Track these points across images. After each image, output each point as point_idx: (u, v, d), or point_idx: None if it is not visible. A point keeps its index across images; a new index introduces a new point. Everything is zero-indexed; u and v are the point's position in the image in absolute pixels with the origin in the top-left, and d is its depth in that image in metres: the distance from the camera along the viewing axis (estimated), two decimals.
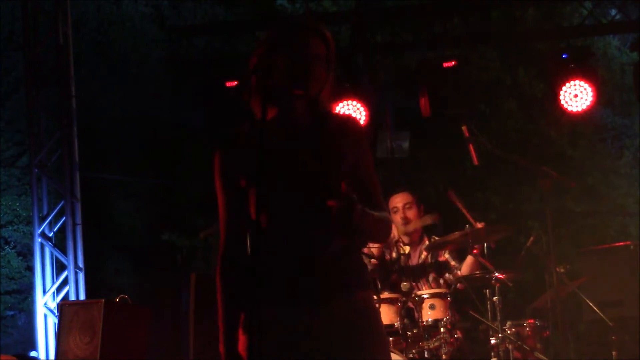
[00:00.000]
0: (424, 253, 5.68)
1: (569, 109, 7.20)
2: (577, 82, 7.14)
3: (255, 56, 2.63)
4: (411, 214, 5.73)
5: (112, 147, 13.13)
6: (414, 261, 5.68)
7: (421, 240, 5.75)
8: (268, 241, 2.55)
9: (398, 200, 5.75)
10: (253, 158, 2.44)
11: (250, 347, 2.31)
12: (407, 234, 5.69)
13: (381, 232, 2.70)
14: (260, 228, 2.43)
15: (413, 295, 5.15)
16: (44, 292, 7.36)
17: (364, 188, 2.63)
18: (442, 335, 5.07)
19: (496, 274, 5.22)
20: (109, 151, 13.09)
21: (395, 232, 5.69)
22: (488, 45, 11.17)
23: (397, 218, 5.69)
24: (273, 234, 2.56)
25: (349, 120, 2.73)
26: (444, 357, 5.04)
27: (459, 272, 5.55)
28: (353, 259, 2.65)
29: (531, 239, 5.90)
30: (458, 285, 5.41)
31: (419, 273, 5.63)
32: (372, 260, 5.54)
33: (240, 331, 2.59)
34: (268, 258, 2.55)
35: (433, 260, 5.67)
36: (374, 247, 5.66)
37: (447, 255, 5.67)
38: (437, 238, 5.69)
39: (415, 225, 5.62)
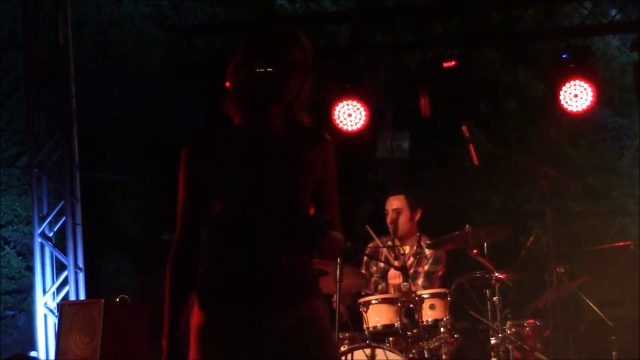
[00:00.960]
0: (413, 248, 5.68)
1: (569, 109, 7.19)
2: (577, 82, 7.14)
3: (232, 63, 2.67)
4: (401, 218, 5.72)
5: (112, 147, 13.12)
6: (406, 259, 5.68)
7: (416, 239, 5.74)
8: (229, 243, 2.60)
9: (389, 204, 5.77)
10: (220, 162, 2.54)
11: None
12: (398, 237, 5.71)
13: (335, 251, 2.77)
14: (225, 230, 2.45)
15: (413, 295, 5.15)
16: (44, 292, 7.35)
17: (326, 205, 2.68)
18: (442, 335, 5.07)
19: (496, 274, 5.22)
20: (109, 151, 13.08)
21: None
22: (488, 45, 11.17)
23: (388, 220, 5.72)
24: (234, 237, 2.60)
25: (320, 135, 2.74)
26: (444, 357, 5.05)
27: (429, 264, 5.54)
28: (308, 270, 2.71)
29: (531, 239, 5.90)
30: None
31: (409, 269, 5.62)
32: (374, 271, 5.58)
33: (191, 338, 2.63)
34: (227, 260, 2.60)
35: (417, 254, 5.66)
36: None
37: (425, 268, 5.67)
38: (428, 240, 5.69)
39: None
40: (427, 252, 5.66)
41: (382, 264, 5.74)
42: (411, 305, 5.14)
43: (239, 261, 2.57)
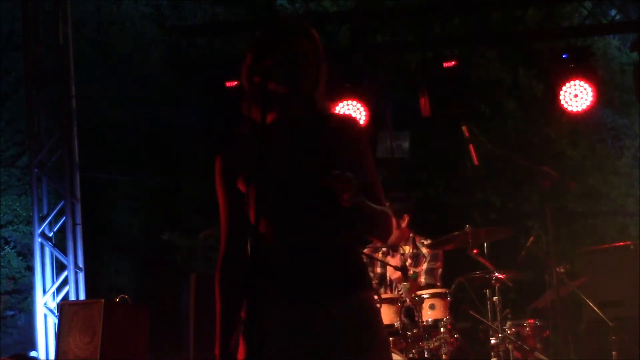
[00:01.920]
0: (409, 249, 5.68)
1: (569, 109, 7.19)
2: (577, 82, 7.14)
3: (243, 65, 2.66)
4: None
5: (112, 147, 13.12)
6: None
7: (410, 241, 5.74)
8: (267, 243, 2.56)
9: None
10: (252, 160, 2.47)
11: (250, 349, 2.31)
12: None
13: (384, 226, 2.68)
14: (259, 230, 2.43)
15: (413, 295, 5.15)
16: (44, 292, 7.36)
17: (365, 188, 2.60)
18: (442, 335, 5.07)
19: (496, 274, 5.22)
20: (109, 151, 13.09)
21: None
22: (488, 45, 11.18)
23: None
24: (272, 235, 2.57)
25: (348, 119, 2.73)
26: (444, 357, 5.05)
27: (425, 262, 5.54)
28: (352, 260, 2.65)
29: (531, 239, 5.90)
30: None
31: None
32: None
33: (240, 338, 2.60)
34: (268, 259, 2.55)
35: (414, 255, 5.66)
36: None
37: (424, 266, 5.67)
38: (424, 240, 5.69)
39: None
40: (424, 250, 5.67)
41: (379, 270, 5.75)
42: (411, 305, 5.14)
43: (278, 255, 2.55)
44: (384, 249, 5.77)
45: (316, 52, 2.67)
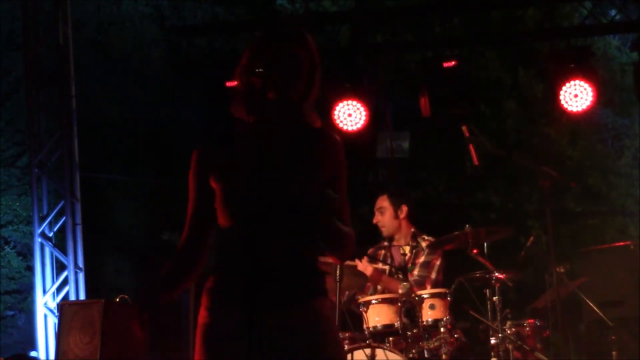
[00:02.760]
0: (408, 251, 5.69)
1: (569, 109, 7.19)
2: (577, 82, 7.13)
3: (238, 66, 2.68)
4: (384, 218, 5.81)
5: (112, 147, 13.13)
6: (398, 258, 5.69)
7: (413, 239, 5.74)
8: (231, 243, 2.61)
9: (375, 206, 5.85)
10: (226, 160, 2.56)
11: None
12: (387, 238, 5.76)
13: (345, 247, 2.73)
14: (226, 229, 2.47)
15: (413, 295, 5.16)
16: (44, 292, 7.36)
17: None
18: (442, 335, 5.06)
19: (496, 274, 5.22)
20: (109, 151, 13.10)
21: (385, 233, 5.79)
22: (488, 45, 11.18)
23: (374, 221, 5.83)
24: (238, 237, 2.60)
25: (330, 137, 2.73)
26: (444, 357, 5.04)
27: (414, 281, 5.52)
28: (313, 269, 2.68)
29: (531, 239, 5.90)
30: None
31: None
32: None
33: (197, 338, 2.66)
34: (230, 260, 2.62)
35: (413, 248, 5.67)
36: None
37: (421, 259, 5.67)
38: (425, 236, 5.70)
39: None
40: (424, 244, 5.68)
41: (380, 264, 5.75)
42: (411, 305, 5.14)
43: (242, 261, 2.56)
44: (385, 244, 5.77)
45: (310, 62, 2.68)
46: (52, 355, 6.94)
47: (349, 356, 4.88)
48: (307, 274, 2.66)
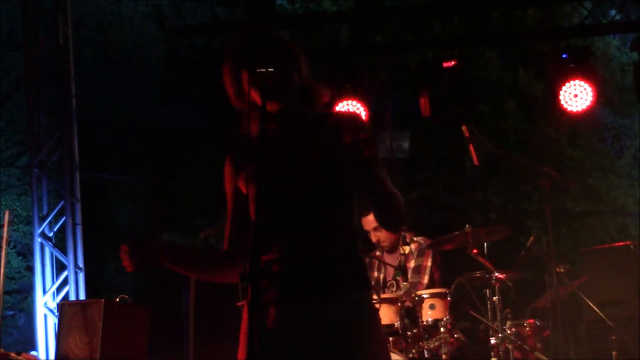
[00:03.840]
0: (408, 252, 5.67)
1: (569, 109, 7.19)
2: (577, 82, 7.14)
3: (228, 81, 2.68)
4: (382, 234, 5.64)
5: (112, 147, 13.13)
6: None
7: (402, 241, 5.72)
8: (270, 242, 2.57)
9: (366, 225, 5.65)
10: (253, 163, 2.50)
11: (250, 348, 2.31)
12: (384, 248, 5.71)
13: (399, 209, 2.64)
14: (262, 229, 2.44)
15: (413, 295, 5.15)
16: (44, 292, 7.36)
17: (373, 177, 2.60)
18: (442, 335, 5.06)
19: (496, 274, 5.22)
20: (109, 151, 13.09)
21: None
22: (488, 45, 11.18)
23: (374, 240, 5.69)
24: (274, 235, 2.58)
25: (349, 116, 2.73)
26: (444, 357, 5.04)
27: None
28: (352, 259, 2.65)
29: (531, 239, 5.89)
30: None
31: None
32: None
33: (240, 338, 2.61)
34: (268, 260, 2.58)
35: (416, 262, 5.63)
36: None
37: (412, 264, 5.64)
38: (415, 237, 5.68)
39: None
40: (413, 246, 5.64)
41: (375, 274, 5.74)
42: (411, 305, 5.14)
43: (279, 256, 2.57)
44: (378, 253, 5.76)
45: (292, 59, 2.64)
46: (52, 355, 6.94)
47: None
48: (346, 264, 2.61)
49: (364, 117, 2.75)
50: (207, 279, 2.76)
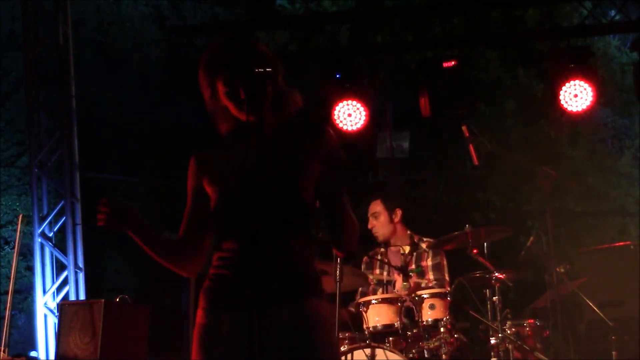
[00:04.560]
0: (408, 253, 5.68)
1: (569, 109, 7.19)
2: (577, 82, 7.13)
3: (204, 87, 2.76)
4: (378, 222, 5.81)
5: (112, 147, 13.12)
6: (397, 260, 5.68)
7: (408, 238, 5.74)
8: (226, 246, 2.63)
9: (369, 211, 5.84)
10: (218, 165, 2.61)
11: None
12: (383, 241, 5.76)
13: (353, 234, 2.70)
14: (219, 233, 2.50)
15: (413, 295, 5.16)
16: (44, 292, 7.36)
17: (331, 198, 2.66)
18: (442, 335, 5.06)
19: (496, 274, 5.22)
20: (109, 151, 13.09)
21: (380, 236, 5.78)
22: (488, 45, 11.18)
23: (368, 226, 5.81)
24: (231, 237, 2.63)
25: (319, 129, 2.72)
26: (444, 357, 5.04)
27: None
28: (306, 269, 2.67)
29: (531, 239, 5.89)
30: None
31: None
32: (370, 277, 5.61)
33: (194, 339, 2.66)
34: (225, 262, 2.64)
35: (414, 251, 5.66)
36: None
37: (429, 262, 5.67)
38: (424, 238, 5.70)
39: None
40: (424, 246, 5.68)
41: (377, 271, 5.76)
42: (411, 305, 5.14)
43: (237, 261, 2.60)
44: (382, 249, 5.79)
45: (269, 68, 2.60)
46: (52, 355, 6.94)
47: (349, 356, 4.88)
48: (303, 274, 2.65)
49: (330, 131, 2.73)
50: (161, 260, 2.81)
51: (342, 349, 4.99)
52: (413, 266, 5.59)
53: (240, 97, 2.58)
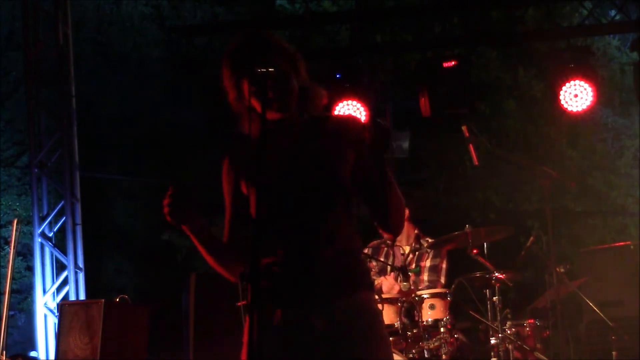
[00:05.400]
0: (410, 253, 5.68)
1: (569, 109, 7.19)
2: (577, 82, 7.14)
3: (229, 86, 2.67)
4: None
5: (112, 147, 13.13)
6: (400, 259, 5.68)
7: (415, 239, 5.73)
8: (271, 243, 2.57)
9: None
10: (253, 164, 2.49)
11: (250, 347, 2.31)
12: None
13: (401, 210, 2.66)
14: (262, 230, 2.44)
15: (413, 295, 5.15)
16: (44, 292, 7.36)
17: (375, 181, 2.60)
18: (442, 335, 5.06)
19: (496, 274, 5.22)
20: (109, 151, 13.09)
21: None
22: (488, 45, 11.18)
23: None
24: (275, 235, 2.58)
25: (348, 119, 2.73)
26: (444, 357, 5.04)
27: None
28: (355, 261, 2.66)
29: (531, 239, 5.90)
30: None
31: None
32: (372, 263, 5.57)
33: (244, 339, 2.60)
34: (269, 261, 2.59)
35: (416, 250, 5.65)
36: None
37: (427, 263, 5.66)
38: (429, 239, 5.69)
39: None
40: (425, 245, 5.67)
41: (382, 259, 5.74)
42: (411, 305, 5.14)
43: (282, 259, 2.58)
44: (386, 248, 5.78)
45: (292, 63, 2.63)
46: (52, 355, 6.94)
47: None
48: (354, 266, 2.63)
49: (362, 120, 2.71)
50: (213, 263, 2.72)
51: None
52: (413, 265, 5.59)
53: (268, 96, 2.53)
